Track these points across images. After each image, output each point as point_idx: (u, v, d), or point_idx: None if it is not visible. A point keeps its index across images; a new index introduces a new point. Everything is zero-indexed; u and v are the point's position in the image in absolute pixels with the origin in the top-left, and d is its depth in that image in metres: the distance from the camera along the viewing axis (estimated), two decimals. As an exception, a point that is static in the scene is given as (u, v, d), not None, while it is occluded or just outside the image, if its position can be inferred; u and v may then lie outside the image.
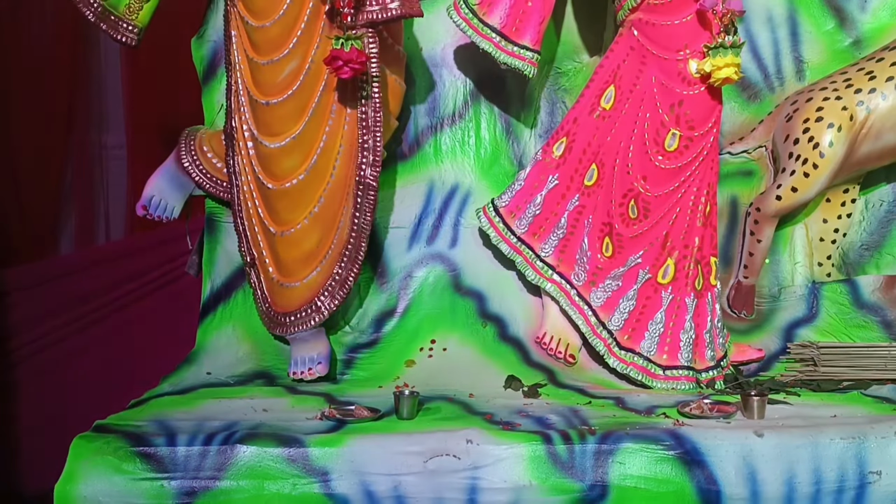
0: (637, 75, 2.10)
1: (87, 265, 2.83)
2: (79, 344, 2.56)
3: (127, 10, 2.17)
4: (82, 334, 2.61)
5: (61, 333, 2.58)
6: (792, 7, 2.44)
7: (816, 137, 2.29)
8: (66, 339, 2.56)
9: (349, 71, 1.94)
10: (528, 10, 2.15)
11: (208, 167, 2.29)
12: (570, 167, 2.20)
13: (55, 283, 2.72)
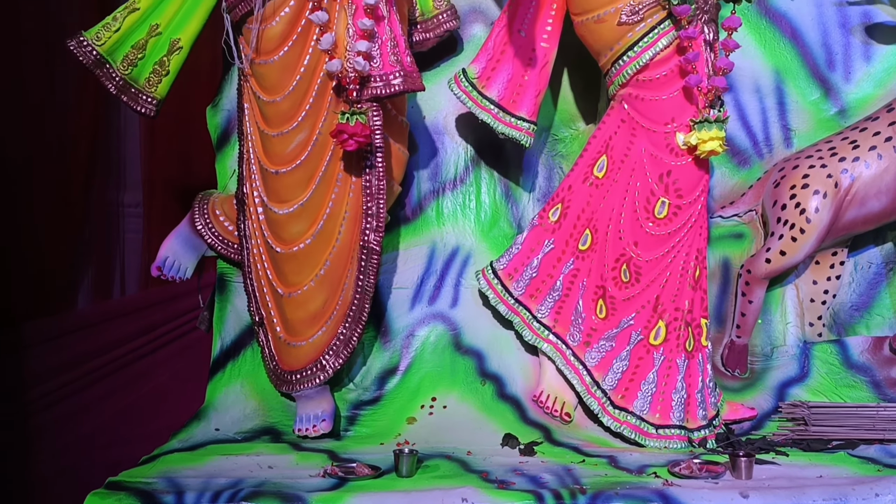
0: (628, 146, 2.21)
1: (103, 319, 2.92)
2: (92, 397, 2.63)
3: (147, 84, 2.30)
4: (96, 387, 2.68)
5: (75, 387, 2.65)
6: (779, 78, 2.55)
7: (803, 203, 2.38)
8: (80, 393, 2.63)
9: (354, 143, 2.05)
10: (524, 84, 2.27)
11: (220, 230, 2.40)
12: (565, 232, 2.29)
13: (71, 337, 2.80)
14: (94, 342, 2.85)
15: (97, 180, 3.02)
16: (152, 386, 2.79)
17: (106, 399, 2.71)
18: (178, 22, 2.29)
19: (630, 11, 2.10)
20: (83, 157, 2.99)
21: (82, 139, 2.98)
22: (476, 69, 2.29)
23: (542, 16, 2.25)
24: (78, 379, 2.75)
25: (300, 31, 2.07)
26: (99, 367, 2.81)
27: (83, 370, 2.76)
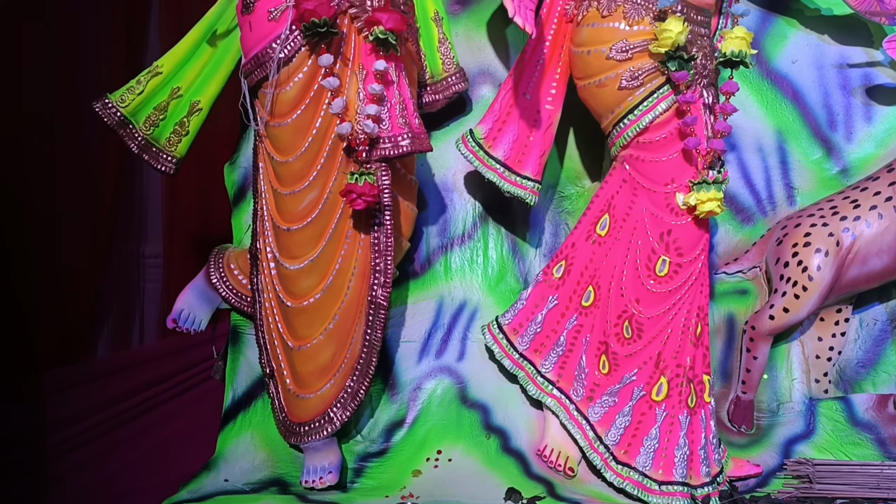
0: (629, 206, 2.26)
1: (121, 368, 2.99)
2: (106, 445, 2.69)
3: (167, 143, 2.41)
4: (111, 436, 2.74)
5: (91, 435, 2.71)
6: (781, 138, 2.60)
7: (805, 261, 2.42)
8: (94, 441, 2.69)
9: (362, 203, 2.13)
10: (529, 144, 2.34)
11: (234, 283, 2.47)
12: (568, 288, 2.34)
13: (90, 386, 2.88)
14: (112, 391, 2.92)
15: (119, 232, 3.13)
16: (166, 435, 2.84)
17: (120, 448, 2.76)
18: (198, 85, 2.41)
19: (630, 77, 2.18)
20: (107, 210, 3.10)
21: (106, 193, 3.09)
22: (483, 130, 2.37)
23: (547, 79, 2.33)
24: (94, 427, 2.80)
25: (313, 95, 2.16)
26: (115, 416, 2.87)
27: (99, 418, 2.82)
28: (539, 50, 2.32)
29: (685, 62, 2.13)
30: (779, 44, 2.60)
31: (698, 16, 2.22)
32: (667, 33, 2.09)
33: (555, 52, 2.32)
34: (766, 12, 2.61)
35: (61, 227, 3.03)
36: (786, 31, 2.60)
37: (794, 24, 2.61)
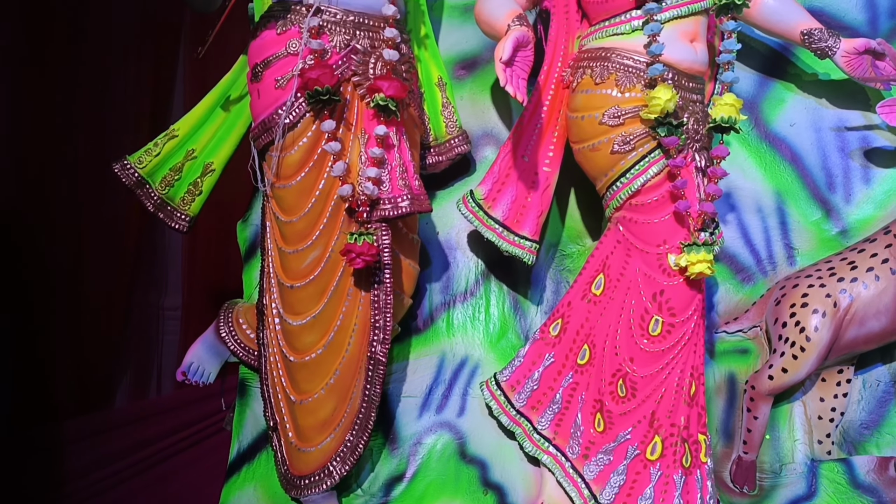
0: (623, 266, 2.31)
1: (139, 418, 3.09)
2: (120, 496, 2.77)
3: (181, 202, 2.53)
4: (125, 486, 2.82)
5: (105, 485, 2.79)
6: (780, 199, 2.63)
7: (803, 322, 2.43)
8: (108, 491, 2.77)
9: (361, 262, 2.21)
10: (527, 205, 2.41)
11: (243, 337, 2.55)
12: (564, 346, 2.38)
13: (107, 436, 2.97)
14: (129, 440, 3.01)
15: (140, 285, 3.25)
16: (179, 484, 2.91)
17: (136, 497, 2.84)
18: (211, 147, 2.53)
19: (622, 141, 2.24)
20: (129, 263, 3.23)
21: (128, 247, 3.23)
22: (483, 191, 2.44)
23: (544, 143, 2.40)
24: (110, 476, 2.89)
25: (316, 158, 2.26)
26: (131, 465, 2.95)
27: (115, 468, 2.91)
28: (537, 114, 2.40)
29: (674, 128, 2.19)
30: (777, 107, 2.65)
31: (690, 83, 2.28)
32: (655, 101, 2.16)
33: (552, 117, 2.39)
34: (763, 76, 2.66)
35: (84, 279, 3.16)
36: (783, 94, 2.65)
37: (792, 87, 2.65)
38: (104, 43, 3.11)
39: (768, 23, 2.46)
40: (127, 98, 3.15)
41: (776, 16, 2.44)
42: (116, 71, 3.12)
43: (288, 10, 2.26)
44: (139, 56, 3.17)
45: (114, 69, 3.12)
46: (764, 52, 2.66)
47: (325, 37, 2.23)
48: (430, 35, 2.54)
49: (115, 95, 3.14)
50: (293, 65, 2.22)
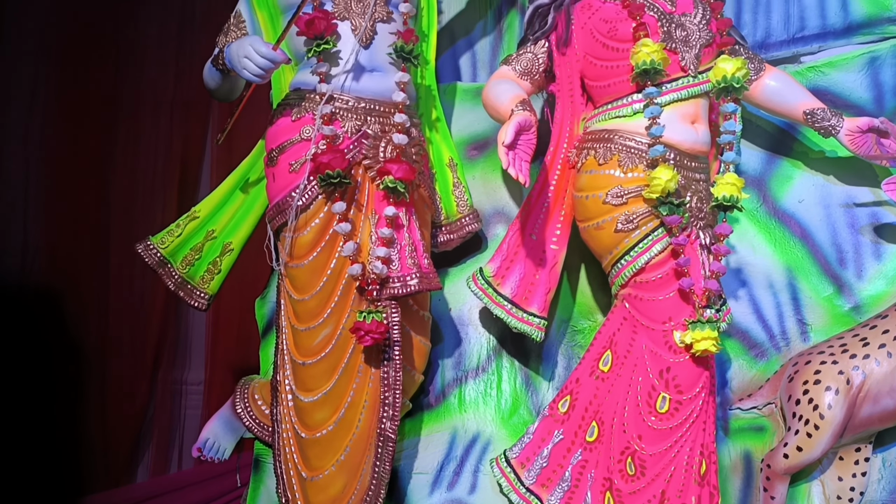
0: (630, 342, 2.32)
1: (159, 494, 3.13)
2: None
3: (201, 281, 2.61)
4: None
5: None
6: (791, 275, 2.64)
7: (816, 399, 2.40)
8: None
9: (370, 339, 2.25)
10: (535, 283, 2.44)
11: (258, 414, 2.60)
12: (573, 423, 2.38)
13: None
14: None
15: (164, 361, 3.34)
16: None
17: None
18: (231, 228, 2.62)
19: (625, 220, 2.29)
20: (154, 340, 3.32)
21: (154, 324, 3.32)
22: (492, 268, 2.49)
23: (552, 221, 2.45)
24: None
25: (328, 239, 2.34)
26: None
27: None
28: (544, 194, 2.45)
29: (676, 207, 2.23)
30: (785, 184, 2.67)
31: (692, 162, 2.33)
32: (656, 181, 2.21)
33: (559, 196, 2.45)
34: (770, 154, 2.69)
35: (111, 354, 3.26)
36: (791, 171, 2.68)
37: (799, 165, 2.68)
38: (135, 127, 3.28)
39: (771, 103, 2.51)
40: (156, 179, 3.29)
41: (778, 97, 2.49)
42: (146, 154, 3.28)
43: (303, 99, 2.37)
44: (169, 140, 3.32)
45: (144, 153, 3.27)
46: (770, 130, 2.70)
47: (337, 123, 2.34)
48: (441, 118, 2.63)
49: (145, 177, 3.29)
50: (306, 150, 2.32)
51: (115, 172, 3.26)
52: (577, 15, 2.40)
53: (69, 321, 3.15)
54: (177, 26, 3.33)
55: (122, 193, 3.26)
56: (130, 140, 3.30)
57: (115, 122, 3.32)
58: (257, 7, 2.48)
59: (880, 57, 2.68)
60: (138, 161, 3.31)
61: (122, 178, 3.26)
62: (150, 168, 3.32)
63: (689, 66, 2.32)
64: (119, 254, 3.20)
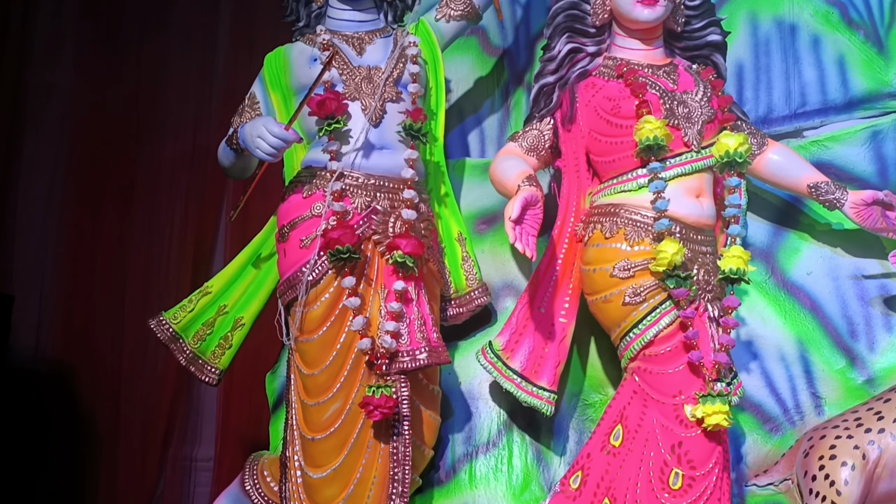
0: (640, 417, 2.31)
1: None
2: None
3: (212, 356, 2.62)
4: None
5: None
6: (803, 347, 2.62)
7: (832, 475, 2.36)
8: None
9: (379, 414, 2.25)
10: (545, 356, 2.44)
11: (266, 490, 2.57)
12: (585, 499, 2.34)
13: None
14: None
15: (175, 437, 3.33)
16: None
17: None
18: (242, 303, 2.65)
19: (633, 293, 2.30)
20: (164, 416, 3.32)
21: (165, 399, 3.33)
22: (501, 342, 2.49)
23: (560, 295, 2.47)
24: None
25: (338, 313, 2.36)
26: None
27: None
28: (552, 267, 2.47)
29: (683, 280, 2.25)
30: (792, 256, 2.68)
31: (698, 235, 2.36)
32: (662, 254, 2.23)
33: (566, 270, 2.47)
34: (777, 226, 2.71)
35: (122, 429, 3.26)
36: (798, 244, 2.69)
37: (806, 237, 2.70)
38: (152, 204, 3.35)
39: (774, 177, 2.54)
40: (171, 255, 3.35)
41: (781, 170, 2.53)
42: (162, 231, 3.34)
43: (314, 176, 2.43)
44: (184, 217, 3.39)
45: (159, 229, 3.33)
46: (776, 202, 2.72)
47: (347, 199, 2.39)
48: (449, 193, 2.68)
49: (160, 253, 3.34)
50: (317, 226, 2.36)
51: (131, 249, 3.31)
52: (581, 93, 2.46)
53: (81, 397, 3.16)
54: (194, 107, 3.43)
55: (137, 269, 3.31)
56: (146, 217, 3.37)
57: (132, 199, 3.40)
58: (271, 89, 2.56)
59: (882, 131, 2.72)
60: (154, 237, 3.37)
61: (138, 255, 3.32)
62: (165, 244, 3.38)
63: (692, 141, 2.37)
64: (132, 329, 3.23)
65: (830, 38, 2.80)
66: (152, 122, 3.47)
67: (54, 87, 3.48)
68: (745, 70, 2.83)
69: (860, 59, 2.78)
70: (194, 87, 3.46)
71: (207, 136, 3.27)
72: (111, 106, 3.42)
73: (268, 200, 2.70)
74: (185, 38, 3.49)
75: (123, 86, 3.44)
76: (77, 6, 3.49)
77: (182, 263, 3.36)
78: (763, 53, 2.83)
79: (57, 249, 3.36)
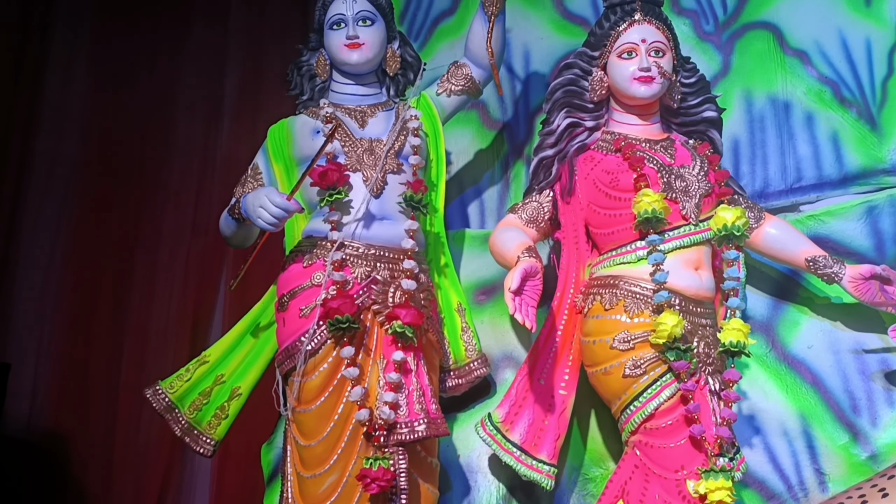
0: (643, 492, 2.26)
1: None
2: None
3: (208, 426, 2.59)
4: None
5: None
6: (805, 422, 2.59)
7: (839, 555, 2.31)
8: None
9: (376, 487, 2.21)
10: (545, 429, 2.41)
11: (260, 566, 2.52)
12: (588, 579, 2.30)
13: None
14: None
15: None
16: None
17: None
18: (240, 372, 2.63)
19: (633, 365, 2.29)
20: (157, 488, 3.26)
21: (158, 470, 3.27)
22: (501, 414, 2.46)
23: (560, 366, 2.45)
24: None
25: (336, 384, 2.34)
26: None
27: None
28: (552, 338, 2.47)
29: (683, 352, 2.24)
30: (792, 330, 2.68)
31: (697, 308, 2.36)
32: (662, 326, 2.23)
33: (566, 341, 2.46)
34: (776, 300, 2.71)
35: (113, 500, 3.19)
36: (798, 317, 2.69)
37: (806, 310, 2.69)
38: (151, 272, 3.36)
39: (772, 251, 2.56)
40: (169, 323, 3.34)
41: (779, 244, 2.54)
42: (161, 299, 3.34)
43: (314, 245, 2.45)
44: (184, 285, 3.40)
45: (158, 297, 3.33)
46: (774, 275, 2.73)
47: (347, 269, 2.40)
48: (449, 264, 2.69)
49: (159, 321, 3.33)
50: (317, 295, 2.36)
51: (129, 317, 3.31)
52: (580, 166, 2.50)
53: (74, 466, 3.11)
54: (197, 177, 3.47)
55: (134, 337, 3.30)
56: (146, 285, 3.37)
57: (132, 266, 3.41)
58: (274, 160, 2.60)
59: (878, 206, 2.74)
60: (153, 306, 3.37)
61: (136, 322, 3.31)
62: (163, 313, 3.37)
63: (690, 214, 2.39)
64: (127, 398, 3.20)
65: (824, 115, 2.85)
66: (155, 190, 3.51)
67: (60, 154, 3.53)
68: (741, 145, 2.88)
69: (854, 135, 2.82)
70: (198, 157, 3.51)
71: (209, 206, 3.31)
72: (115, 174, 3.46)
73: (268, 270, 2.71)
74: (190, 109, 3.56)
75: (128, 154, 3.49)
76: (86, 78, 3.57)
77: (180, 332, 3.35)
78: (758, 129, 2.89)
79: (55, 316, 3.35)
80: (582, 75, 2.55)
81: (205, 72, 3.62)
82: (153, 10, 3.57)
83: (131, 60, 3.55)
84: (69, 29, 3.52)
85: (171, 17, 3.57)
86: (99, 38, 3.54)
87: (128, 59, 3.54)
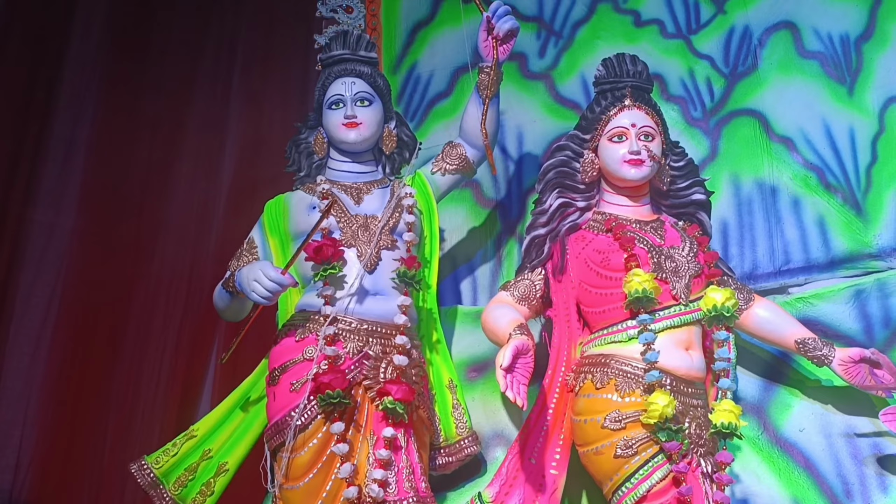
0: (636, 578, 2.22)
1: None
2: None
3: (192, 503, 2.54)
4: None
5: None
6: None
7: None
8: None
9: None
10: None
11: None
12: None
13: None
14: None
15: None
16: None
17: None
18: (227, 447, 2.60)
19: (624, 445, 2.27)
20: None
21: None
22: (491, 493, 2.43)
23: (551, 445, 2.43)
24: None
25: (325, 460, 2.32)
26: None
27: None
28: (543, 417, 2.46)
29: (674, 433, 2.23)
30: (784, 412, 2.67)
31: (689, 388, 2.36)
32: (653, 406, 2.22)
33: (557, 420, 2.45)
34: (767, 381, 2.72)
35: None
36: (789, 399, 2.69)
37: (797, 392, 2.69)
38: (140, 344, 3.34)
39: (762, 332, 2.57)
40: (157, 397, 3.30)
41: (769, 325, 2.56)
42: (149, 371, 3.31)
43: (307, 320, 2.45)
44: (174, 357, 3.37)
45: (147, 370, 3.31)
46: (765, 357, 2.74)
47: (339, 343, 2.40)
48: (441, 340, 2.70)
49: (147, 394, 3.30)
50: (308, 370, 2.36)
51: (116, 390, 3.27)
52: (572, 245, 2.54)
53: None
54: (191, 250, 3.49)
55: (121, 411, 3.25)
56: (135, 357, 3.34)
57: (122, 338, 3.38)
58: (269, 234, 2.63)
59: (865, 290, 2.78)
60: (141, 378, 3.33)
61: (124, 395, 3.27)
62: (152, 385, 3.33)
63: (680, 295, 2.41)
64: (111, 473, 3.13)
65: (810, 200, 2.92)
66: (149, 262, 3.51)
67: (56, 226, 3.54)
68: (730, 228, 2.93)
69: (840, 220, 2.88)
70: (194, 231, 3.53)
71: (202, 279, 3.31)
72: (111, 246, 3.48)
73: (259, 344, 2.71)
74: (188, 183, 3.60)
75: (125, 227, 3.51)
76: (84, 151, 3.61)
77: (168, 405, 3.30)
78: (746, 212, 2.94)
79: (41, 389, 3.31)
80: (574, 157, 2.61)
81: (204, 147, 3.67)
82: (159, 90, 3.65)
83: (132, 136, 3.61)
84: (72, 107, 3.59)
85: (175, 99, 3.65)
86: (104, 114, 3.61)
87: (129, 133, 3.60)
